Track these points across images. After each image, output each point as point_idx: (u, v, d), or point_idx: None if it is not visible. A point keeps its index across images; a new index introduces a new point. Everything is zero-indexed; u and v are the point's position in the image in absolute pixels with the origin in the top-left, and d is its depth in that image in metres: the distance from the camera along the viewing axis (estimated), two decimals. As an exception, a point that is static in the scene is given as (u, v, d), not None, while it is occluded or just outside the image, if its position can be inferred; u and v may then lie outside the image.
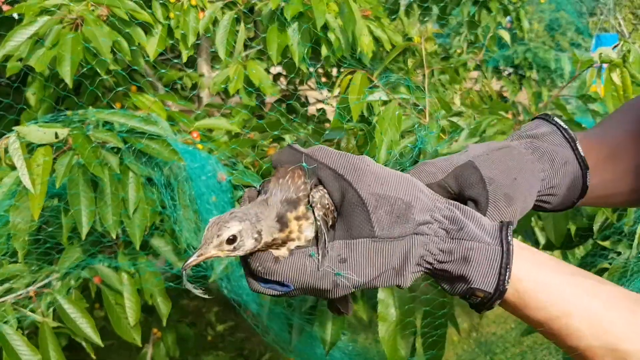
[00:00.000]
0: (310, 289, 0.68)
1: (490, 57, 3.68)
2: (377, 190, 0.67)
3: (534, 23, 4.18)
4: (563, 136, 0.86)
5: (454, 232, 0.68)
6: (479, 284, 0.67)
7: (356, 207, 0.67)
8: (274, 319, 1.62)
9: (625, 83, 1.96)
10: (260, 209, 0.67)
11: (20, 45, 1.78)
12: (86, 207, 1.51)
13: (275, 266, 0.66)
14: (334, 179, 0.68)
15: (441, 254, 0.67)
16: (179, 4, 2.34)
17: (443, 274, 0.69)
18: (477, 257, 0.66)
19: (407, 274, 0.67)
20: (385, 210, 0.66)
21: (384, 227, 0.66)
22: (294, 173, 0.69)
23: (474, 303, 0.70)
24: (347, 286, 0.67)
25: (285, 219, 0.67)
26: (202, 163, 1.76)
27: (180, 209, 1.66)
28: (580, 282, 0.68)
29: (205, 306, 4.06)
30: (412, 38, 3.07)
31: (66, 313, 1.58)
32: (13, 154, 1.41)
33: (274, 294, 0.69)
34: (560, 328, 0.67)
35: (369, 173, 0.68)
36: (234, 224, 0.64)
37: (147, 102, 2.29)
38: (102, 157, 1.55)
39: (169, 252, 1.76)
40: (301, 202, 0.68)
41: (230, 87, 2.51)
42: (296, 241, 0.67)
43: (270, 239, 0.66)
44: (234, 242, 0.64)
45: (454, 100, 2.85)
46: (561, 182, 0.84)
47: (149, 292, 1.71)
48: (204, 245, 0.65)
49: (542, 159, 0.83)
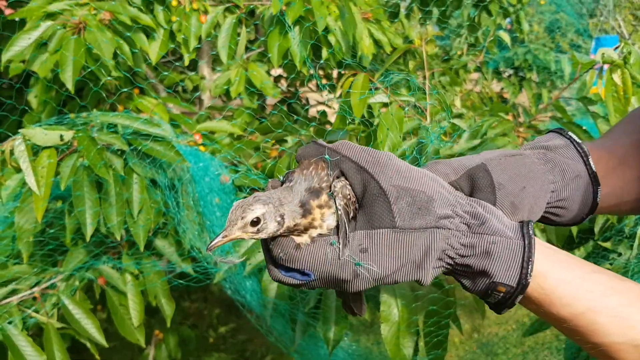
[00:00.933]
0: (330, 279, 0.67)
1: (490, 59, 3.69)
2: (398, 182, 0.68)
3: (534, 25, 4.19)
4: (576, 150, 0.86)
5: (475, 226, 0.68)
6: (501, 277, 0.66)
7: (377, 198, 0.67)
8: (277, 319, 1.63)
9: (626, 84, 1.97)
10: (284, 194, 0.68)
11: (23, 50, 1.79)
12: (90, 208, 1.52)
13: (297, 253, 0.67)
14: (356, 172, 0.69)
15: (463, 248, 0.67)
16: (181, 7, 2.36)
17: (464, 270, 0.69)
18: (499, 251, 0.66)
19: (428, 268, 0.67)
20: (407, 201, 0.67)
21: (405, 218, 0.66)
22: (317, 165, 0.70)
23: (494, 302, 0.70)
24: (367, 278, 0.66)
25: (308, 206, 0.67)
26: (205, 164, 1.77)
27: (184, 210, 1.67)
28: (603, 279, 0.69)
29: (207, 308, 4.06)
30: (412, 40, 3.09)
31: (71, 314, 1.59)
32: (19, 156, 1.42)
33: (294, 283, 0.69)
34: (586, 324, 0.67)
35: (391, 166, 0.69)
36: (258, 206, 0.65)
37: (150, 105, 2.30)
38: (107, 159, 1.56)
39: (172, 252, 1.77)
40: (324, 191, 0.69)
41: (232, 90, 2.52)
42: (318, 229, 0.68)
43: (292, 223, 0.67)
44: (258, 225, 0.65)
45: (454, 102, 2.86)
46: (572, 195, 0.84)
47: (153, 293, 1.72)
48: (229, 227, 0.66)
49: (554, 170, 0.83)
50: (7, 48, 1.84)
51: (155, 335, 2.64)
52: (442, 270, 0.70)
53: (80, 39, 1.81)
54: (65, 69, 1.74)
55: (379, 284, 0.68)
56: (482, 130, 1.98)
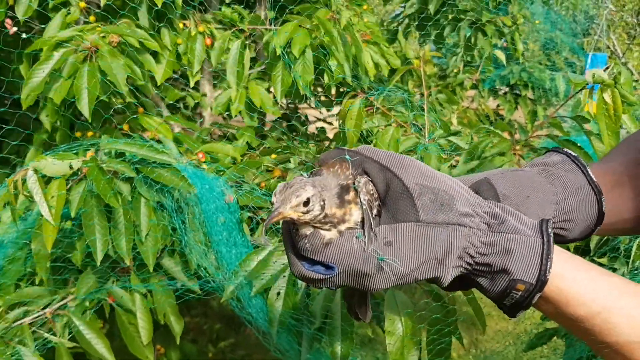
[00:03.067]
0: (353, 273, 0.68)
1: (486, 77, 3.75)
2: (421, 180, 0.70)
3: (529, 43, 4.27)
4: (574, 163, 0.88)
5: (495, 225, 0.69)
6: (521, 274, 0.68)
7: (401, 195, 0.69)
8: (283, 336, 1.66)
9: (616, 103, 2.02)
10: (323, 182, 0.70)
11: (42, 81, 1.84)
12: (101, 237, 1.57)
13: (323, 245, 0.68)
14: (379, 171, 0.71)
15: (483, 246, 0.69)
16: (187, 30, 2.41)
17: (484, 269, 0.70)
18: (519, 248, 0.68)
19: (448, 265, 0.68)
20: (429, 198, 0.69)
21: (429, 212, 0.68)
22: (342, 164, 0.72)
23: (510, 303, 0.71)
24: (389, 274, 0.67)
25: (343, 198, 0.70)
26: (210, 185, 1.81)
27: (190, 231, 1.70)
28: (618, 282, 0.71)
29: (207, 323, 4.07)
30: (411, 60, 3.15)
31: (82, 334, 1.63)
32: (32, 187, 1.46)
33: (316, 278, 0.69)
34: (601, 323, 0.68)
35: (414, 166, 0.71)
36: (309, 187, 0.67)
37: (154, 123, 2.35)
38: (116, 186, 1.60)
39: (179, 272, 1.81)
40: (351, 188, 0.71)
41: (233, 109, 2.57)
42: (347, 223, 0.69)
43: (330, 212, 0.68)
44: (308, 205, 0.66)
45: (451, 120, 2.92)
46: (576, 207, 0.85)
47: (162, 311, 1.75)
48: (282, 205, 0.66)
49: (555, 183, 0.85)
50: (25, 83, 1.89)
51: (157, 350, 2.66)
52: (462, 270, 0.71)
53: (93, 64, 1.85)
54: (81, 97, 1.78)
55: (400, 282, 0.69)
56: (480, 149, 2.03)
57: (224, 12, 2.65)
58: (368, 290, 0.71)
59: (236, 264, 1.60)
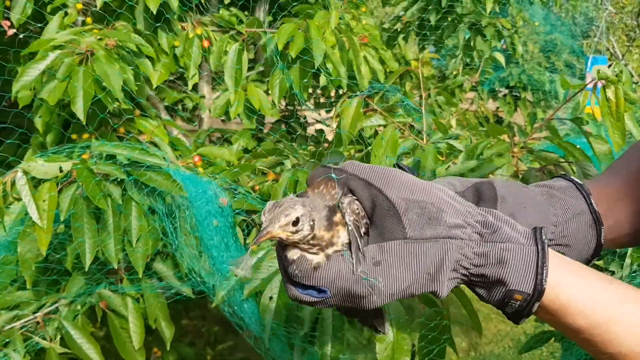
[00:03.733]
0: (346, 295, 0.67)
1: (485, 79, 3.74)
2: (406, 195, 0.68)
3: (529, 44, 4.26)
4: (578, 190, 0.86)
5: (487, 235, 0.68)
6: (517, 285, 0.66)
7: (387, 212, 0.67)
8: (276, 341, 1.66)
9: (619, 100, 2.01)
10: (312, 202, 0.69)
11: (33, 80, 1.84)
12: (89, 239, 1.56)
13: (312, 270, 0.67)
14: (363, 188, 0.69)
15: (477, 257, 0.67)
16: (184, 32, 2.41)
17: (480, 280, 0.69)
18: (513, 258, 0.66)
19: (443, 280, 0.67)
20: (416, 212, 0.67)
21: (416, 228, 0.66)
22: (327, 184, 0.71)
23: (512, 312, 0.69)
24: (383, 293, 0.66)
25: (331, 220, 0.68)
26: (203, 189, 1.80)
27: (181, 235, 1.70)
28: (618, 289, 0.69)
29: (205, 326, 4.07)
30: (409, 62, 3.15)
31: (72, 339, 1.62)
32: (21, 190, 1.46)
33: (311, 301, 0.69)
34: (602, 334, 0.67)
35: (398, 180, 0.69)
36: (299, 207, 0.66)
37: (150, 127, 2.35)
38: (106, 189, 1.59)
39: (171, 276, 1.81)
40: (337, 209, 0.69)
41: (231, 112, 2.56)
42: (335, 246, 0.68)
43: (319, 234, 0.67)
44: (297, 225, 0.65)
45: (450, 122, 2.91)
46: (574, 232, 0.83)
47: (153, 316, 1.75)
48: (271, 224, 0.65)
49: (555, 206, 0.83)
50: (17, 79, 1.90)
51: (154, 353, 2.66)
52: (458, 281, 0.69)
53: (88, 68, 1.85)
54: (76, 100, 1.79)
55: (395, 298, 0.68)
56: (478, 150, 2.02)
57: (221, 15, 2.65)
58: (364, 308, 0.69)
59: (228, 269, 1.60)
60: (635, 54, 5.68)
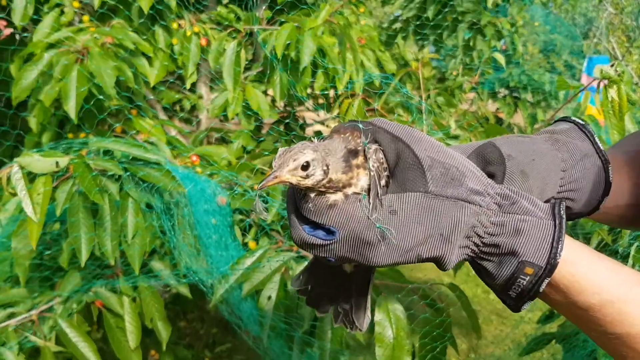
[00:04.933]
0: (354, 240, 0.66)
1: (485, 80, 3.73)
2: (432, 154, 0.68)
3: (528, 45, 4.25)
4: (582, 131, 0.86)
5: (506, 206, 0.68)
6: (531, 256, 0.66)
7: (411, 165, 0.68)
8: (275, 340, 1.64)
9: (622, 100, 2.00)
10: (329, 147, 0.68)
11: (32, 82, 1.84)
12: (85, 234, 1.54)
13: (327, 207, 0.66)
14: (390, 141, 0.70)
15: (493, 226, 0.67)
16: (182, 30, 2.39)
17: (491, 252, 0.68)
18: (529, 229, 0.66)
19: (454, 243, 0.66)
20: (440, 171, 0.67)
21: (438, 185, 0.66)
22: (353, 132, 0.71)
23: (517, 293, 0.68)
24: (391, 247, 0.65)
25: (350, 163, 0.68)
26: (202, 187, 1.78)
27: (179, 233, 1.68)
28: (632, 272, 0.69)
29: (203, 328, 4.05)
30: (408, 62, 3.13)
31: (67, 337, 1.60)
32: (16, 184, 1.45)
33: (316, 244, 0.68)
34: (613, 313, 0.66)
35: (426, 140, 0.70)
36: (309, 151, 0.65)
37: (148, 126, 2.33)
38: (103, 184, 1.58)
39: (168, 275, 1.79)
40: (359, 152, 0.69)
41: (229, 112, 2.55)
42: (353, 187, 0.68)
43: (335, 175, 0.67)
44: (307, 169, 0.65)
45: (449, 123, 2.90)
46: (583, 175, 0.83)
47: (150, 316, 1.73)
48: (279, 169, 0.65)
49: (561, 150, 0.84)
50: (15, 82, 1.90)
51: (151, 355, 2.63)
52: (468, 253, 0.69)
53: (83, 66, 1.84)
54: (69, 99, 1.77)
55: (402, 258, 0.67)
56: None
57: (219, 12, 2.63)
58: (368, 263, 0.68)
59: (226, 268, 1.58)
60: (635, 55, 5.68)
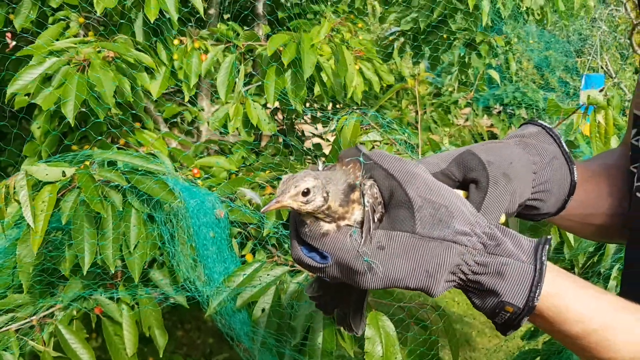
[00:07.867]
0: (345, 267, 0.71)
1: (480, 96, 3.78)
2: (424, 193, 0.71)
3: (523, 61, 4.31)
4: (549, 135, 0.91)
5: (491, 247, 0.71)
6: (510, 298, 0.69)
7: (402, 204, 0.71)
8: (266, 353, 1.68)
9: (608, 124, 2.06)
10: (330, 176, 0.73)
11: (28, 84, 1.89)
12: (88, 242, 1.59)
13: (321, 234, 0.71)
14: (385, 178, 0.73)
15: (476, 265, 0.70)
16: (183, 46, 2.46)
17: (475, 287, 0.72)
18: (510, 272, 0.69)
19: (439, 279, 0.70)
20: (429, 212, 0.70)
21: (425, 226, 0.70)
22: (355, 165, 0.75)
23: (501, 322, 0.72)
24: (379, 275, 0.70)
25: (348, 197, 0.72)
26: (201, 200, 1.83)
27: (178, 244, 1.73)
28: (609, 298, 0.73)
29: (200, 337, 4.08)
30: (405, 78, 3.19)
31: (67, 343, 1.64)
32: (19, 190, 1.50)
33: (312, 265, 0.73)
34: (597, 341, 0.70)
35: (420, 178, 0.73)
36: (310, 179, 0.70)
37: (150, 138, 2.39)
38: (106, 194, 1.63)
39: (166, 285, 1.84)
40: (357, 188, 0.73)
41: (230, 126, 2.61)
42: (347, 220, 0.72)
43: (334, 204, 0.71)
44: (307, 195, 0.70)
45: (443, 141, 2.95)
46: (552, 177, 0.88)
47: (147, 324, 1.77)
48: (281, 195, 0.70)
49: (532, 152, 0.88)
50: (12, 82, 1.94)
51: (149, 363, 2.67)
52: (454, 285, 0.73)
53: (83, 76, 1.89)
54: (67, 102, 1.83)
55: (389, 284, 0.71)
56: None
57: (219, 29, 2.70)
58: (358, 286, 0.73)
59: (222, 279, 1.62)
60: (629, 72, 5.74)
